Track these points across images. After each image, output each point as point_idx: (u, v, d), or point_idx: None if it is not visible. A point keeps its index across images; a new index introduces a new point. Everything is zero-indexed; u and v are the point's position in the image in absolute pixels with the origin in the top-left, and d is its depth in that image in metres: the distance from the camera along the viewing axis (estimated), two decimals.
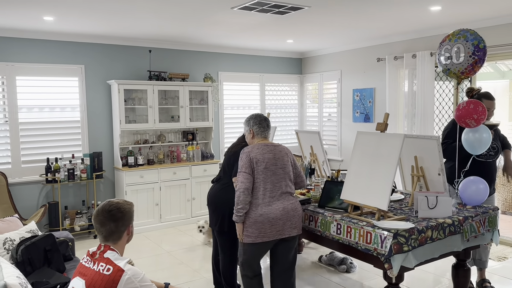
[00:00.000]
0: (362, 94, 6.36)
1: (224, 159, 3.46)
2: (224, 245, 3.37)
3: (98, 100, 5.67)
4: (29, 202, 5.23)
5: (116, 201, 2.15)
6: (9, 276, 2.14)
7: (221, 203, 3.31)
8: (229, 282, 3.40)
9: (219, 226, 3.32)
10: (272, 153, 2.99)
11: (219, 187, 3.38)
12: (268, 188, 2.93)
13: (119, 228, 2.12)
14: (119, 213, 2.12)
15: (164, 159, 5.91)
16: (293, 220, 2.96)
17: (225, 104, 6.73)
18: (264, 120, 3.15)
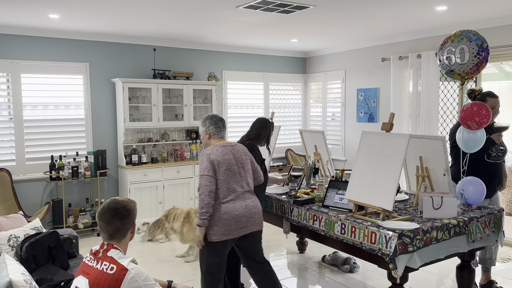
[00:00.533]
0: (366, 94, 6.34)
1: None
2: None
3: (102, 98, 5.68)
4: (33, 199, 5.25)
5: (122, 199, 2.15)
6: (14, 272, 2.14)
7: None
8: (233, 280, 3.40)
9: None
10: (231, 154, 3.05)
11: None
12: (231, 187, 2.98)
13: (125, 226, 2.12)
14: (125, 212, 2.11)
15: (167, 158, 5.92)
16: (255, 217, 3.04)
17: (229, 103, 6.73)
18: (220, 120, 3.20)
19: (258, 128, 3.55)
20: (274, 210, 3.56)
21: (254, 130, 3.55)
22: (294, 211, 3.33)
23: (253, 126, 3.59)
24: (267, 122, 3.60)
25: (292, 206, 3.35)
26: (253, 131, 3.55)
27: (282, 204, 3.46)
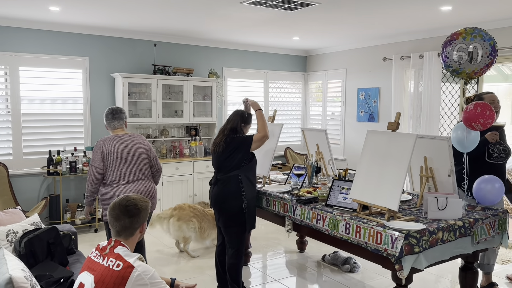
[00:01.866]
0: (367, 93, 6.32)
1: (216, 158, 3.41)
2: (231, 240, 3.35)
3: (101, 93, 5.61)
4: (30, 194, 5.18)
5: (134, 197, 2.12)
6: (14, 269, 2.09)
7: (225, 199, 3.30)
8: (234, 278, 3.36)
9: (226, 221, 3.31)
10: (123, 144, 3.35)
11: (218, 189, 3.36)
12: (123, 173, 3.32)
13: (133, 225, 2.08)
14: (135, 210, 2.08)
15: (167, 154, 5.86)
16: None
17: (228, 100, 6.68)
18: (111, 112, 3.43)
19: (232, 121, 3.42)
20: (276, 209, 3.52)
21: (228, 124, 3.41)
22: (297, 210, 3.30)
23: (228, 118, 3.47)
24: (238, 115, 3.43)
25: (295, 204, 3.31)
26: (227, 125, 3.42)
27: (285, 203, 3.42)
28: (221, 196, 3.33)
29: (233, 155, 3.31)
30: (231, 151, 3.31)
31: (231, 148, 3.31)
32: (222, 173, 3.36)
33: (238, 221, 3.31)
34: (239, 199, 3.28)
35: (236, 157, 3.31)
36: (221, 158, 3.35)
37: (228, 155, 3.32)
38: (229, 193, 3.29)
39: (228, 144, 3.32)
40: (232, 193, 3.29)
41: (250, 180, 3.38)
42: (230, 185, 3.30)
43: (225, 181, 3.32)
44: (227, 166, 3.33)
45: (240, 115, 3.46)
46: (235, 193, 3.28)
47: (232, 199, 3.29)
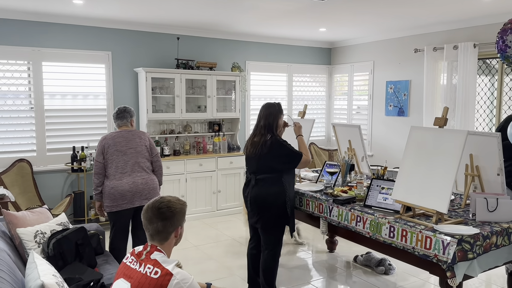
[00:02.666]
0: (396, 86, 6.08)
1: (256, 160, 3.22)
2: (268, 242, 3.21)
3: (124, 88, 5.51)
4: (54, 191, 5.12)
5: (168, 199, 1.98)
6: (45, 274, 1.98)
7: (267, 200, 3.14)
8: (269, 281, 3.22)
9: (264, 223, 3.17)
10: (123, 137, 3.52)
11: (259, 190, 3.17)
12: (119, 166, 3.45)
13: (166, 229, 1.95)
14: (169, 213, 1.94)
15: (190, 150, 5.75)
16: (143, 192, 3.48)
17: (252, 94, 6.52)
18: (116, 112, 3.67)
19: (265, 116, 3.25)
20: (310, 209, 3.36)
21: (262, 120, 3.25)
22: (333, 210, 3.13)
23: (260, 114, 3.30)
24: (273, 106, 3.29)
25: (332, 205, 3.14)
26: (260, 120, 3.26)
27: (320, 203, 3.26)
28: (262, 196, 3.14)
29: (279, 162, 3.13)
30: (276, 157, 3.12)
31: (277, 154, 3.12)
32: (262, 173, 3.17)
33: (280, 223, 3.16)
34: (282, 200, 3.12)
35: (281, 165, 3.15)
36: (262, 162, 3.16)
37: (272, 160, 3.13)
38: (272, 194, 3.12)
39: (274, 149, 3.12)
40: (276, 194, 3.12)
41: (291, 180, 3.24)
42: (273, 185, 3.13)
43: (267, 181, 3.14)
44: (268, 167, 3.14)
45: (275, 107, 3.29)
46: (279, 194, 3.12)
47: (275, 200, 3.12)
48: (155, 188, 3.60)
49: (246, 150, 3.30)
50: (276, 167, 3.14)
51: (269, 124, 3.22)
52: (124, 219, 3.57)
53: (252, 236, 3.43)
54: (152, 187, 3.57)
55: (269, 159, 3.12)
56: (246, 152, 3.30)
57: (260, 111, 3.33)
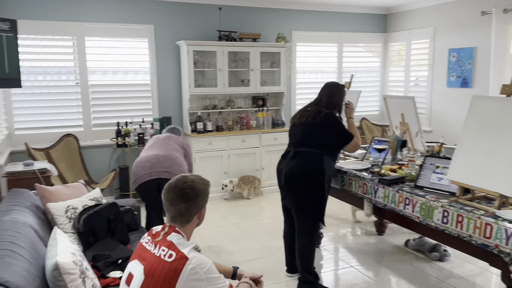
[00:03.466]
0: (460, 54, 5.47)
1: (302, 129, 2.98)
2: (303, 226, 2.98)
3: (167, 62, 5.42)
4: (100, 165, 5.20)
5: (192, 179, 1.82)
6: (63, 252, 1.91)
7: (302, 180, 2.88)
8: (306, 266, 3.01)
9: (299, 205, 2.92)
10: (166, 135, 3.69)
11: (297, 163, 2.93)
12: (149, 145, 3.58)
13: (190, 211, 1.79)
14: (193, 194, 1.78)
15: (233, 126, 5.58)
16: (164, 163, 3.34)
17: (298, 67, 6.19)
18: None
19: (328, 95, 3.02)
20: (354, 189, 3.06)
21: (324, 98, 3.02)
22: (379, 191, 2.82)
23: (322, 92, 3.07)
24: (339, 87, 3.07)
25: (377, 185, 2.83)
26: (322, 98, 3.03)
27: (364, 183, 2.95)
28: (299, 171, 2.89)
29: (326, 137, 2.90)
30: (325, 131, 2.88)
31: (327, 128, 2.89)
32: (303, 146, 2.93)
33: (315, 204, 2.92)
34: (321, 179, 2.87)
35: (328, 140, 2.90)
36: (309, 132, 2.92)
37: (320, 133, 2.89)
38: (310, 170, 2.87)
39: (322, 121, 2.88)
40: (314, 171, 2.87)
41: (332, 162, 2.98)
42: (312, 161, 2.88)
43: (308, 156, 2.90)
44: (312, 140, 2.90)
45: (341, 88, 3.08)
46: (317, 173, 2.87)
47: (313, 178, 2.87)
48: (179, 164, 3.41)
49: (294, 118, 3.07)
50: (322, 141, 2.89)
51: (332, 102, 3.00)
52: (149, 194, 3.38)
53: (286, 219, 3.21)
54: (176, 163, 3.39)
55: (318, 130, 2.89)
56: (293, 120, 3.07)
57: (324, 89, 3.08)
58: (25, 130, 4.82)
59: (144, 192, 3.39)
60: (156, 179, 3.29)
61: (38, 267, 1.90)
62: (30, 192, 2.88)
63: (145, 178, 3.32)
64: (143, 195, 3.44)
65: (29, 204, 2.64)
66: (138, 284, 1.69)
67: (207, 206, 1.93)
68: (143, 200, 3.48)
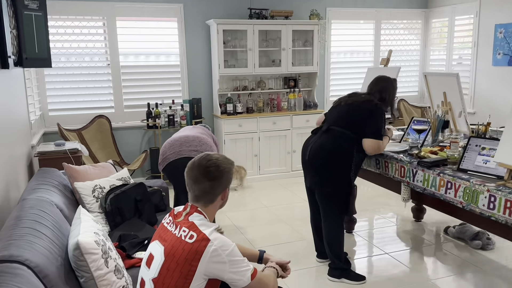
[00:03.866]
0: (507, 30, 5.06)
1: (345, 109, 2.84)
2: (328, 211, 2.83)
3: (197, 43, 5.33)
4: (131, 147, 5.23)
5: (216, 157, 1.74)
6: (85, 231, 1.86)
7: (328, 159, 2.73)
8: (335, 252, 2.87)
9: (323, 187, 2.78)
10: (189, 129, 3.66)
11: (328, 140, 2.77)
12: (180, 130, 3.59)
13: (214, 190, 1.71)
14: (217, 172, 1.70)
15: (263, 108, 5.45)
16: (193, 143, 3.31)
17: (332, 46, 5.94)
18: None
19: (380, 90, 2.85)
20: (390, 172, 2.88)
21: (377, 94, 2.85)
22: (418, 174, 2.63)
23: (372, 87, 2.89)
24: (391, 83, 2.88)
25: (416, 168, 2.64)
26: (375, 94, 2.86)
27: (402, 166, 2.76)
28: (328, 147, 2.74)
29: (362, 124, 2.73)
30: (364, 115, 2.73)
31: (367, 114, 2.73)
32: (338, 126, 2.78)
33: (339, 189, 2.76)
34: (348, 162, 2.72)
35: (365, 124, 2.73)
36: (352, 112, 2.78)
37: (360, 116, 2.74)
38: (340, 150, 2.72)
39: (369, 108, 2.73)
40: (343, 152, 2.71)
41: (361, 156, 2.81)
42: (344, 142, 2.73)
43: (340, 136, 2.74)
44: (349, 122, 2.76)
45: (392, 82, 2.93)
46: (346, 154, 2.71)
47: (340, 158, 2.72)
48: (209, 145, 3.37)
49: (340, 100, 2.92)
50: (359, 125, 2.73)
51: (384, 100, 2.85)
52: (178, 173, 3.34)
53: (310, 202, 3.07)
54: (204, 142, 3.36)
55: (360, 113, 2.74)
56: (339, 101, 2.92)
57: (375, 84, 2.92)
58: (58, 111, 4.88)
59: (172, 172, 3.33)
60: (185, 158, 3.21)
61: (61, 247, 1.87)
62: (58, 171, 2.88)
63: (174, 157, 3.27)
64: (171, 175, 3.37)
65: (57, 183, 2.64)
66: (158, 265, 1.63)
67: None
68: (171, 180, 3.43)
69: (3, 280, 1.34)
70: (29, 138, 3.75)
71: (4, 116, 2.70)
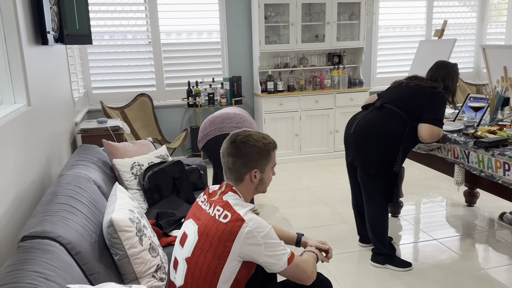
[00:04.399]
0: None
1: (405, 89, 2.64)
2: (371, 194, 2.67)
3: (238, 19, 5.19)
4: (173, 125, 5.24)
5: (249, 133, 1.67)
6: (120, 209, 1.84)
7: (376, 136, 2.55)
8: (379, 237, 2.72)
9: (366, 168, 2.61)
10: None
11: (380, 116, 2.59)
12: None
13: (236, 167, 1.63)
14: (244, 148, 1.63)
15: (305, 86, 5.26)
16: (234, 119, 3.27)
17: (380, 19, 5.61)
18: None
19: (442, 78, 2.62)
20: (442, 153, 2.66)
21: (440, 82, 2.62)
22: (471, 155, 2.40)
23: (433, 74, 2.66)
24: (454, 68, 2.65)
25: (471, 149, 2.41)
26: (438, 81, 2.63)
27: (454, 147, 2.53)
28: (378, 123, 2.57)
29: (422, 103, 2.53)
30: (424, 99, 2.53)
31: (428, 99, 2.52)
32: (392, 104, 2.60)
33: (384, 171, 2.59)
34: (396, 144, 2.53)
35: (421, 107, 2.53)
36: (412, 93, 2.59)
37: (419, 99, 2.54)
38: (389, 129, 2.54)
39: (431, 93, 2.53)
40: (393, 132, 2.53)
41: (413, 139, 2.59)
42: (396, 122, 2.54)
43: (393, 115, 2.56)
44: (405, 103, 2.56)
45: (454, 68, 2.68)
46: (396, 135, 2.53)
47: (389, 139, 2.54)
48: (250, 123, 3.33)
49: (398, 81, 2.73)
50: (416, 108, 2.53)
51: (446, 88, 2.63)
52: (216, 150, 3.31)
53: (352, 183, 2.92)
54: (245, 119, 3.32)
55: (420, 96, 2.54)
56: (399, 80, 2.73)
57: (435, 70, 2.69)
58: (101, 89, 4.95)
59: (212, 149, 3.28)
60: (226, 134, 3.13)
61: (96, 224, 1.85)
62: (98, 148, 2.89)
63: (215, 133, 3.25)
64: (210, 153, 3.33)
65: (96, 159, 2.65)
66: (192, 244, 1.57)
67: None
68: (210, 158, 3.39)
69: (33, 256, 1.32)
70: (72, 115, 3.82)
71: (45, 91, 2.73)
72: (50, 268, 1.29)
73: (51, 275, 1.27)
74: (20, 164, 2.07)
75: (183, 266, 1.59)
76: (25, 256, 1.31)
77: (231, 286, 1.57)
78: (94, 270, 1.59)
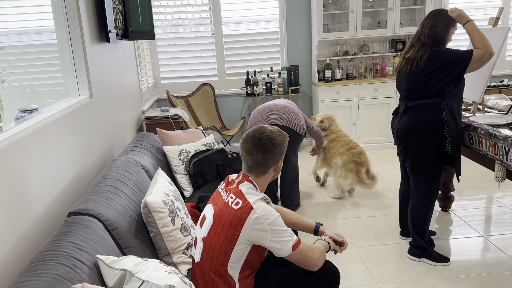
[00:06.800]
0: None
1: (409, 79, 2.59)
2: (418, 185, 2.67)
3: (296, 7, 5.24)
4: (232, 113, 5.49)
5: (270, 130, 1.80)
6: (157, 191, 2.09)
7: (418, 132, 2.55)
8: (419, 230, 2.70)
9: (414, 160, 2.62)
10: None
11: (410, 121, 2.58)
12: None
13: (266, 162, 1.78)
14: (270, 145, 1.76)
15: (365, 74, 5.18)
16: (282, 111, 3.40)
17: (450, 3, 5.28)
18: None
19: (431, 25, 2.51)
20: (483, 148, 2.55)
21: (426, 30, 2.52)
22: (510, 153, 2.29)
23: (423, 23, 2.57)
24: (443, 15, 2.52)
25: (510, 145, 2.30)
26: (424, 30, 2.53)
27: (495, 142, 2.43)
28: (411, 128, 2.57)
29: (438, 76, 2.46)
30: (435, 70, 2.45)
31: (436, 66, 2.45)
32: (414, 99, 2.57)
33: (434, 162, 2.57)
34: (440, 133, 2.50)
35: (442, 78, 2.45)
36: (418, 79, 2.52)
37: (430, 76, 2.47)
38: (425, 125, 2.51)
39: (431, 61, 2.46)
40: (431, 125, 2.50)
41: (455, 110, 2.52)
42: (427, 114, 2.51)
43: (420, 110, 2.53)
44: (424, 90, 2.51)
45: (444, 16, 2.53)
46: (435, 126, 2.49)
47: (430, 133, 2.51)
48: (297, 114, 3.42)
49: (399, 66, 2.69)
50: (436, 88, 2.47)
51: (435, 34, 2.50)
52: None
53: (402, 175, 2.91)
54: (293, 111, 3.41)
55: (427, 77, 2.48)
56: (398, 67, 2.70)
57: (426, 19, 2.58)
58: (169, 80, 5.35)
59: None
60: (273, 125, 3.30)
61: (138, 204, 2.13)
62: (154, 135, 3.22)
63: (262, 123, 3.38)
64: None
65: (150, 146, 2.96)
66: (208, 226, 1.78)
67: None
68: None
69: (73, 229, 1.61)
70: (139, 104, 4.23)
71: (108, 84, 3.09)
72: (85, 240, 1.57)
73: (85, 246, 1.54)
74: (80, 148, 2.42)
75: (200, 244, 1.80)
76: (66, 229, 1.61)
77: (242, 266, 1.75)
78: (129, 244, 1.87)
